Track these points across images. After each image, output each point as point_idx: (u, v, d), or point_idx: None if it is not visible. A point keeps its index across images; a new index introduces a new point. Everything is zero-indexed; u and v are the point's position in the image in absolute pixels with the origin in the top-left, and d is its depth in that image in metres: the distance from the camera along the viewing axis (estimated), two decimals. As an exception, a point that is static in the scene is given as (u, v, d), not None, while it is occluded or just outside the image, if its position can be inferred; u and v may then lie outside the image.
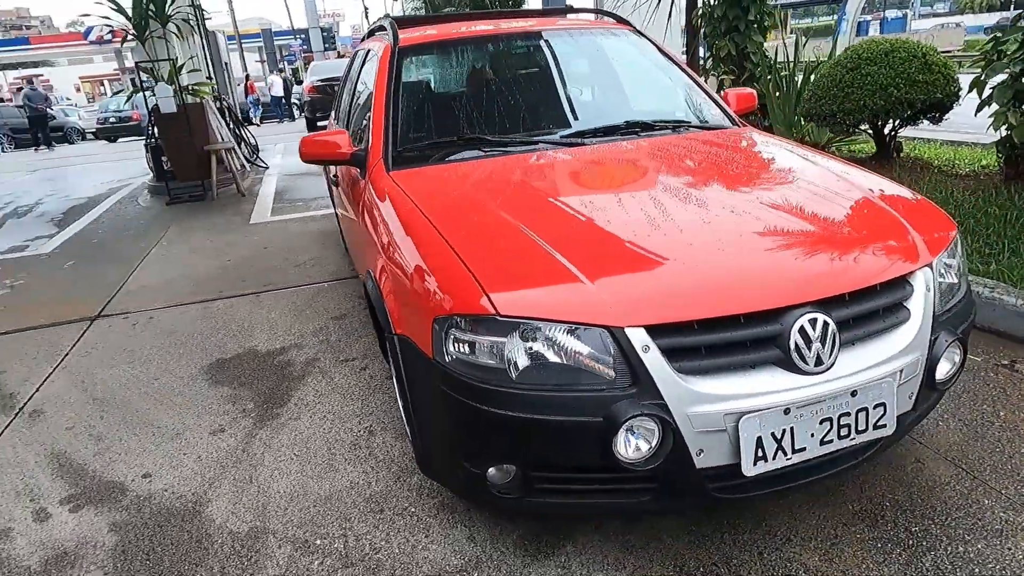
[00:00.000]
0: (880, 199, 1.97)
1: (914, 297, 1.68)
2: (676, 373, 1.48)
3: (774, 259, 1.65)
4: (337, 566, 1.78)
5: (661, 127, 2.62)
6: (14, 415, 2.76)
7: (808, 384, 1.53)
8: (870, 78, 4.40)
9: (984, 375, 2.50)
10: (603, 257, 1.67)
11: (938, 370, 1.71)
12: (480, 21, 3.31)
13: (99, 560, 1.88)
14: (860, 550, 1.72)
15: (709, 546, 1.76)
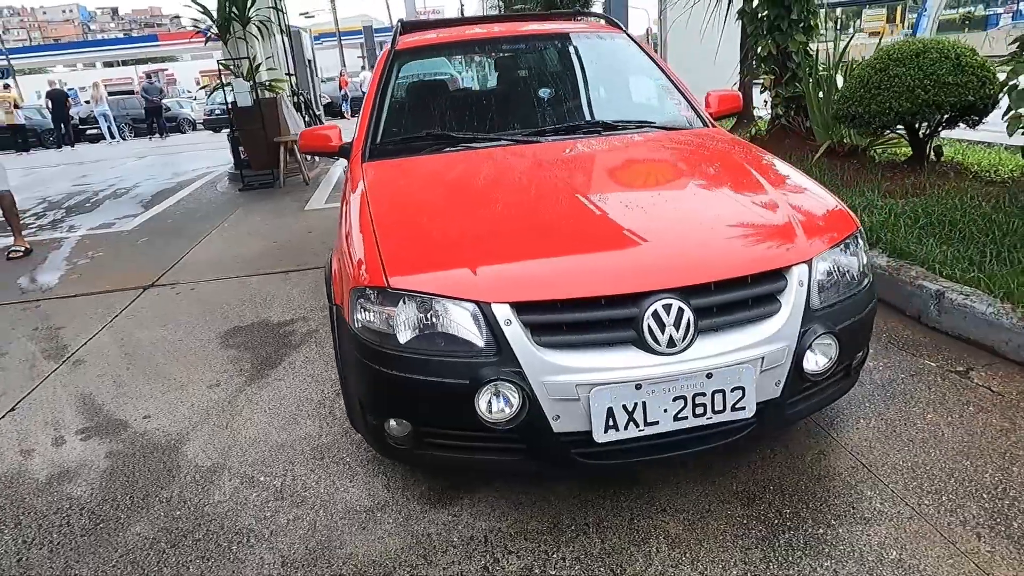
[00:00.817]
0: (784, 199, 2.06)
1: (787, 291, 1.79)
2: (535, 345, 1.67)
3: (642, 250, 1.80)
4: (269, 498, 2.09)
5: (623, 127, 2.77)
6: (61, 363, 3.26)
7: (659, 363, 1.67)
8: (897, 79, 4.29)
9: (931, 379, 2.50)
10: (493, 243, 1.88)
11: (807, 361, 1.80)
12: (483, 25, 3.54)
13: (90, 478, 2.27)
14: (725, 524, 1.84)
15: (588, 509, 1.93)
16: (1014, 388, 2.40)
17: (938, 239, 3.33)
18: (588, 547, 1.79)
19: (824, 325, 1.81)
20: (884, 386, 2.48)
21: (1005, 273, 2.87)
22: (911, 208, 3.75)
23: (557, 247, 1.85)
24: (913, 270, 3.11)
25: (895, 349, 2.76)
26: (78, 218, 7.08)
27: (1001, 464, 2.00)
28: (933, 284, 2.94)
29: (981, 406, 2.31)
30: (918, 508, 1.85)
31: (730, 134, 2.79)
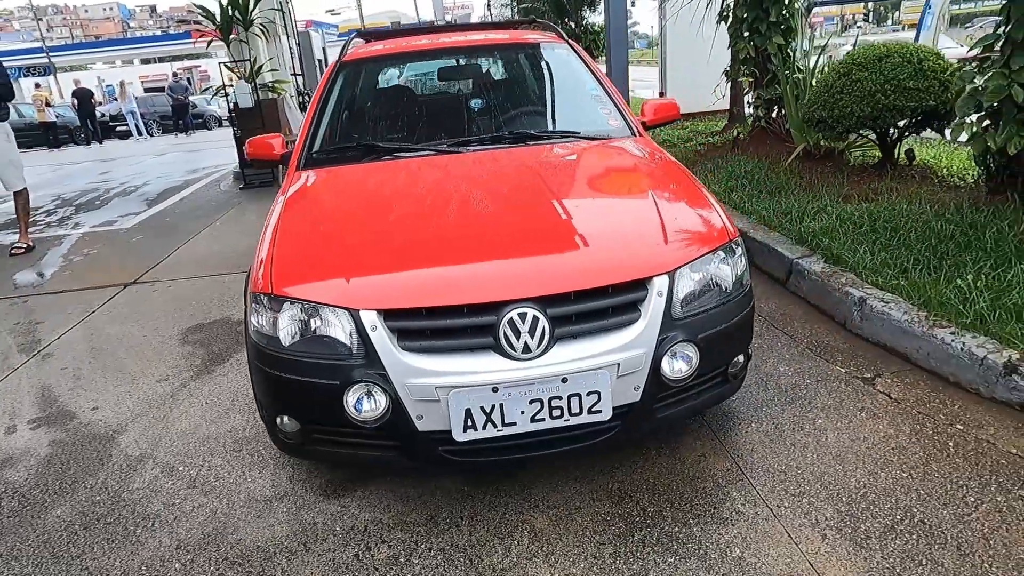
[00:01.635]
0: (662, 211, 2.14)
1: (646, 301, 1.88)
2: (399, 350, 1.80)
3: (509, 260, 1.92)
4: (182, 487, 2.25)
5: (548, 137, 2.87)
6: (31, 356, 3.48)
7: (515, 368, 1.78)
8: (859, 84, 4.30)
9: (835, 385, 2.56)
10: (376, 253, 2.01)
11: (667, 368, 1.89)
12: (435, 35, 3.66)
13: (29, 465, 2.46)
14: (589, 521, 1.95)
15: (467, 503, 2.05)
16: (913, 396, 2.45)
17: (877, 246, 3.35)
18: (456, 539, 1.91)
19: (685, 333, 1.89)
20: (786, 391, 2.55)
21: (929, 281, 2.90)
22: (860, 214, 3.77)
23: (432, 258, 1.97)
24: (844, 277, 3.15)
25: (811, 355, 2.81)
26: (85, 215, 7.39)
27: (871, 469, 2.07)
28: (858, 291, 2.99)
29: (873, 412, 2.37)
30: (776, 510, 1.93)
31: (651, 144, 2.87)
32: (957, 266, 3.02)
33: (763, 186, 4.75)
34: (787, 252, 3.58)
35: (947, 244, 3.23)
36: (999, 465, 2.04)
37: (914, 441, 2.19)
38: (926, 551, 1.74)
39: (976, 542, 1.76)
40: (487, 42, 3.40)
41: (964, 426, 2.26)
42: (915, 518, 1.86)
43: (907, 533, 1.81)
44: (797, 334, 3.01)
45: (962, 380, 2.51)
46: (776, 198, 4.42)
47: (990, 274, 2.88)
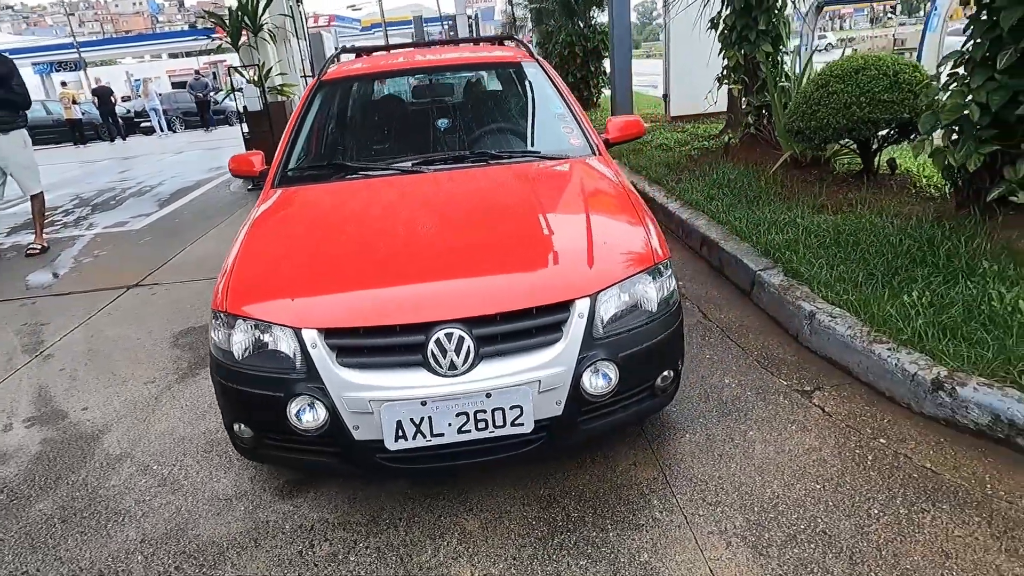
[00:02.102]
0: (593, 233, 2.28)
1: (568, 322, 2.02)
2: (336, 365, 1.96)
3: (438, 283, 2.07)
4: (153, 484, 2.44)
5: (508, 156, 3.01)
6: (33, 357, 3.72)
7: (442, 384, 1.94)
8: (835, 96, 4.37)
9: (774, 398, 2.68)
10: (322, 274, 2.18)
11: (587, 385, 2.03)
12: (414, 52, 3.81)
13: (20, 461, 2.68)
14: (516, 524, 2.10)
15: (408, 505, 2.22)
16: (845, 409, 2.57)
17: (836, 259, 3.44)
18: (392, 538, 2.08)
19: (605, 352, 2.03)
20: (726, 402, 2.67)
21: (877, 297, 3.00)
22: (828, 226, 3.86)
23: (372, 279, 2.13)
24: (799, 290, 3.25)
25: (758, 367, 2.93)
26: (99, 216, 7.68)
27: (788, 481, 2.19)
28: (809, 304, 3.09)
29: (804, 425, 2.48)
30: (691, 518, 2.07)
31: (609, 163, 2.98)
32: (907, 281, 3.10)
33: (744, 195, 4.83)
34: (751, 264, 3.68)
35: (903, 259, 3.31)
36: (910, 479, 2.16)
37: (835, 454, 2.31)
38: (820, 560, 1.87)
39: (869, 552, 1.88)
40: (459, 61, 3.54)
41: (887, 440, 2.37)
42: (817, 528, 1.98)
43: (807, 542, 1.93)
44: (750, 346, 3.12)
45: (896, 395, 2.62)
46: (753, 208, 4.51)
47: (936, 291, 2.96)
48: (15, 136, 5.77)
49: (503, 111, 3.44)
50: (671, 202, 5.15)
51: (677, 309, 2.26)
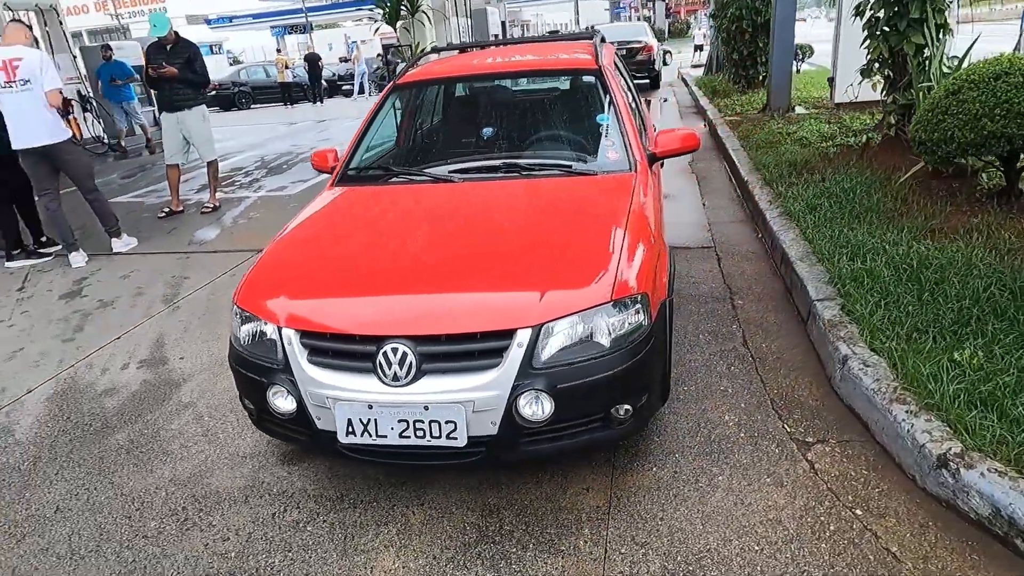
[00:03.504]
0: (569, 261, 2.34)
1: (508, 349, 2.13)
2: (306, 362, 2.25)
3: (399, 298, 2.27)
4: (199, 432, 2.94)
5: (540, 169, 3.08)
6: (167, 307, 4.50)
7: (386, 392, 2.16)
8: (965, 105, 3.80)
9: (766, 445, 2.56)
10: (312, 277, 2.47)
11: (522, 411, 2.13)
12: (488, 54, 3.94)
13: (121, 396, 3.34)
14: (452, 526, 2.28)
15: (372, 490, 2.48)
16: (839, 470, 2.39)
17: (904, 299, 3.10)
18: (347, 517, 2.36)
19: (541, 383, 2.11)
20: (713, 441, 2.60)
21: (926, 348, 2.70)
22: (917, 256, 3.44)
23: (352, 288, 2.38)
24: (844, 329, 3.00)
25: (768, 408, 2.78)
26: (269, 180, 8.78)
27: (727, 536, 2.14)
28: (847, 347, 2.85)
29: (780, 480, 2.37)
30: (611, 554, 2.11)
31: (643, 181, 2.93)
32: (971, 335, 2.74)
33: (852, 208, 4.40)
34: (813, 291, 3.42)
35: (981, 307, 2.91)
36: (861, 562, 2.00)
37: (795, 517, 2.19)
38: (712, 624, 1.84)
39: (768, 628, 1.82)
40: (523, 67, 3.62)
41: (864, 512, 2.19)
42: (728, 591, 1.94)
43: (709, 603, 1.91)
44: (774, 383, 2.96)
45: (904, 464, 2.39)
46: (853, 225, 4.11)
47: (998, 351, 2.60)
48: (196, 111, 6.80)
49: (553, 121, 3.48)
50: (771, 210, 4.83)
51: (640, 345, 2.25)
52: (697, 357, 3.21)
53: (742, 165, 6.32)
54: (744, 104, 10.05)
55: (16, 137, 5.23)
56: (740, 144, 7.23)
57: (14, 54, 5.16)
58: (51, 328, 4.28)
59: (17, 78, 5.14)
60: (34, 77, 5.16)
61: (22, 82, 5.15)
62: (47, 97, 5.20)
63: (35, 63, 5.19)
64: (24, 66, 5.15)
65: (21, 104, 5.16)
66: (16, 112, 5.18)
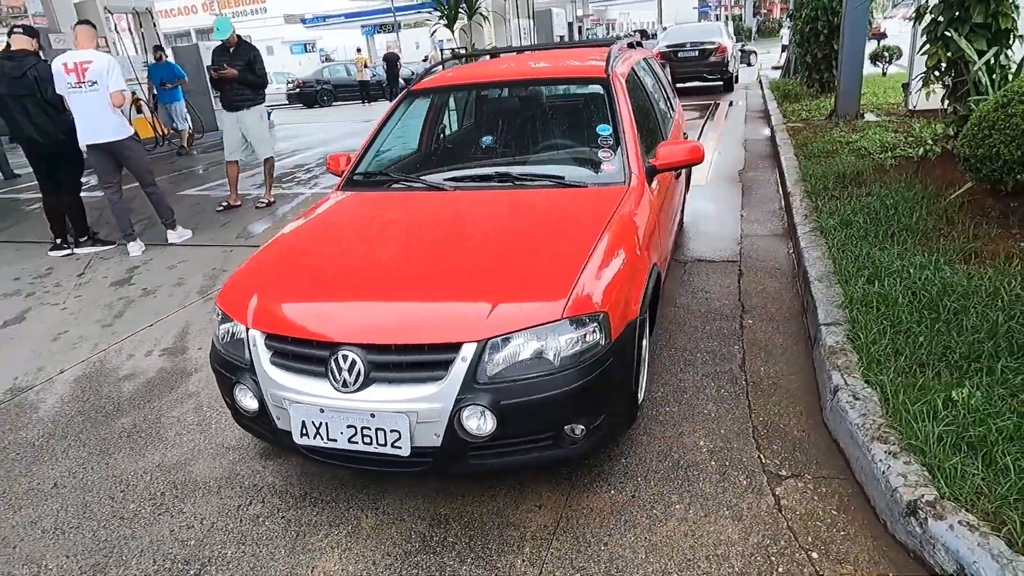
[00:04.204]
0: (528, 275, 2.33)
1: (454, 363, 2.13)
2: (269, 364, 2.34)
3: (355, 305, 2.32)
4: (194, 422, 3.10)
5: (532, 180, 3.06)
6: (201, 298, 4.75)
7: (336, 397, 2.21)
8: (1014, 120, 3.51)
9: (733, 473, 2.45)
10: (284, 282, 2.55)
11: (467, 425, 2.13)
12: (505, 61, 3.94)
13: (138, 382, 3.56)
14: (400, 533, 2.30)
15: (335, 491, 2.54)
16: (806, 508, 2.27)
17: (915, 328, 2.89)
18: (304, 515, 2.43)
19: (486, 398, 2.10)
20: (680, 467, 2.51)
21: (922, 383, 2.52)
22: (941, 282, 3.20)
23: (317, 295, 2.45)
24: (844, 358, 2.83)
25: (747, 437, 2.66)
26: (327, 177, 9.07)
27: (667, 569, 2.07)
28: (840, 377, 2.70)
29: (739, 514, 2.26)
30: (540, 575, 2.08)
31: (633, 196, 2.86)
32: (978, 371, 2.53)
33: (890, 225, 4.13)
34: (822, 314, 3.24)
35: (999, 341, 2.68)
36: (802, 607, 1.90)
37: (744, 555, 2.09)
38: (627, 658, 1.79)
39: (684, 669, 1.75)
40: (535, 75, 3.59)
41: (820, 556, 2.07)
42: (652, 626, 1.88)
43: (630, 636, 1.85)
44: (762, 410, 2.83)
45: (878, 507, 2.24)
46: (885, 244, 3.87)
47: (1001, 391, 2.39)
48: (255, 111, 7.13)
49: (554, 130, 3.44)
50: (804, 224, 4.60)
51: (594, 365, 2.20)
52: (688, 377, 3.11)
53: (790, 175, 6.04)
54: (812, 110, 9.59)
55: (84, 134, 5.64)
56: (795, 153, 6.91)
57: (84, 57, 5.57)
58: (96, 313, 4.61)
59: (86, 80, 5.54)
60: (101, 79, 5.56)
61: (90, 83, 5.55)
62: (112, 97, 5.59)
63: (103, 66, 5.58)
64: (93, 69, 5.55)
65: (89, 104, 5.56)
66: (84, 111, 5.59)
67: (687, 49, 15.16)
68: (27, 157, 5.96)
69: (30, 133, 5.66)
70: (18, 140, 5.92)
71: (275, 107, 23.51)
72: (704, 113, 11.77)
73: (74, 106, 5.58)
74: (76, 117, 5.61)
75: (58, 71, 5.51)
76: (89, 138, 5.64)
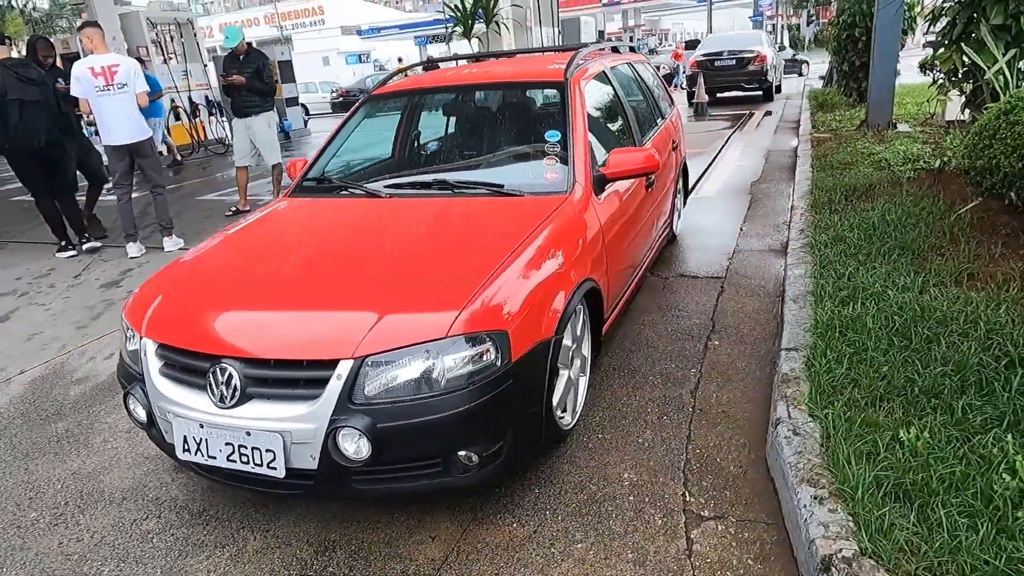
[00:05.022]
0: (424, 289, 2.20)
1: (330, 381, 1.99)
2: (158, 375, 2.25)
3: (241, 318, 2.21)
4: (124, 430, 3.05)
5: (470, 188, 2.92)
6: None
7: (214, 413, 2.10)
8: (1016, 129, 3.17)
9: (649, 513, 2.24)
10: (185, 291, 2.46)
11: (345, 448, 1.98)
12: (467, 67, 3.80)
13: (88, 386, 3.54)
14: (282, 558, 2.17)
15: (233, 508, 2.43)
16: (719, 556, 2.04)
17: (878, 357, 2.62)
18: (195, 534, 2.32)
19: (361, 420, 1.96)
20: (594, 502, 2.31)
21: (867, 419, 2.25)
22: (918, 307, 2.90)
23: (211, 305, 2.34)
24: (793, 387, 2.58)
25: (675, 471, 2.44)
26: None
27: (547, 615, 1.87)
28: (784, 408, 2.45)
29: (642, 558, 2.05)
30: (415, 615, 1.92)
31: (568, 208, 2.69)
32: (937, 410, 2.26)
33: (883, 241, 3.81)
34: (786, 338, 2.98)
35: (965, 375, 2.39)
36: (682, 672, 1.68)
37: (635, 605, 1.88)
38: None
39: None
40: (491, 79, 3.45)
41: (720, 612, 1.84)
42: None
43: None
44: (701, 442, 2.59)
45: (799, 558, 1.99)
46: (874, 262, 3.56)
47: (958, 433, 2.11)
48: (262, 118, 7.19)
49: (503, 136, 3.28)
50: (797, 240, 4.30)
51: (487, 387, 2.03)
52: (633, 402, 2.89)
53: (799, 188, 5.72)
54: (844, 120, 9.14)
55: (110, 134, 5.73)
56: (811, 165, 6.56)
57: (111, 61, 5.69)
58: (76, 315, 4.65)
59: (115, 82, 5.66)
60: (130, 81, 5.69)
61: (119, 86, 5.66)
62: (138, 99, 5.72)
63: (130, 69, 5.73)
64: (121, 72, 5.67)
65: (117, 105, 5.68)
66: (112, 113, 5.69)
67: (724, 58, 14.75)
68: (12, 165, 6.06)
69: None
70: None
71: (319, 116, 24.07)
72: (735, 123, 11.39)
73: (102, 108, 5.66)
74: (102, 118, 5.70)
75: (83, 74, 5.60)
76: (116, 139, 5.73)
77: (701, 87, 13.38)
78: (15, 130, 5.61)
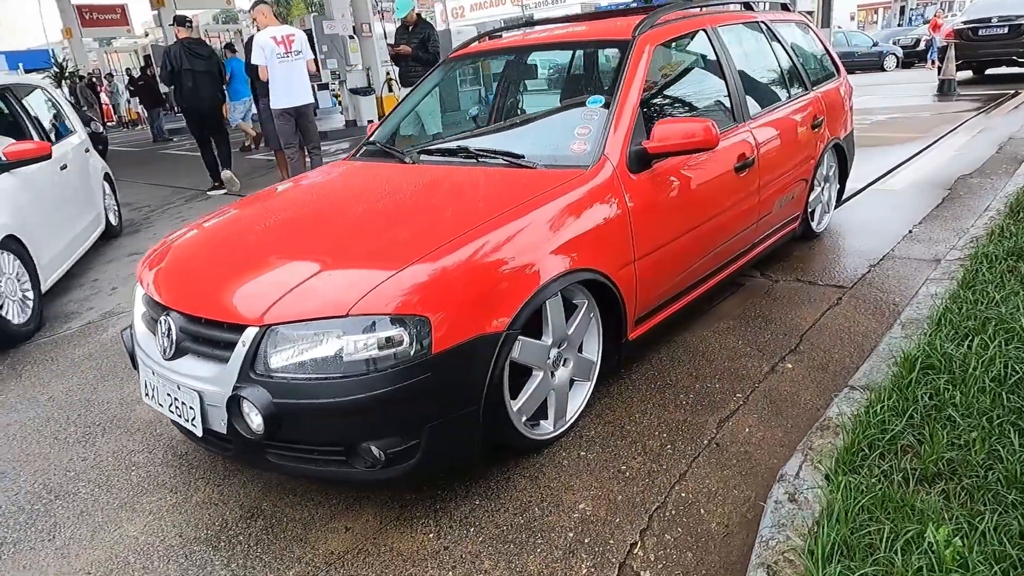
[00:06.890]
0: (353, 261, 2.10)
1: (236, 346, 1.92)
2: (139, 319, 2.38)
3: (199, 275, 2.24)
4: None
5: (492, 157, 2.64)
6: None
7: (159, 363, 2.15)
8: None
9: (553, 573, 1.85)
10: (187, 246, 2.52)
11: (246, 418, 1.90)
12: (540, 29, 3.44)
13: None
14: (209, 518, 2.17)
15: (168, 472, 2.50)
16: (629, 630, 1.62)
17: (967, 419, 1.88)
18: (164, 474, 2.43)
19: (256, 392, 1.86)
20: (533, 531, 1.97)
21: (905, 504, 1.63)
22: None
23: (189, 259, 2.40)
24: (824, 437, 1.96)
25: (642, 515, 1.99)
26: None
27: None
28: (794, 463, 1.88)
29: None
30: (278, 607, 1.79)
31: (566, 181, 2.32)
32: (1007, 509, 1.55)
33: None
34: (860, 373, 2.29)
35: None
36: None
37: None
38: None
39: None
40: (560, 38, 3.07)
41: None
42: None
43: None
44: (696, 483, 2.09)
45: (725, 664, 1.50)
46: None
47: (1003, 548, 1.43)
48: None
49: (553, 102, 2.89)
50: (961, 250, 3.33)
51: (400, 375, 1.82)
52: (644, 421, 2.44)
53: (1012, 185, 4.45)
54: None
55: (285, 97, 6.28)
56: (1049, 156, 5.08)
57: (288, 31, 6.28)
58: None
59: (293, 50, 6.24)
60: (304, 49, 6.27)
61: (296, 52, 6.24)
62: (308, 65, 6.28)
63: (303, 38, 6.34)
64: (297, 40, 6.26)
65: (294, 71, 6.25)
66: (288, 77, 6.26)
67: (992, 25, 12.04)
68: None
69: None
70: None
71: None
72: (985, 105, 9.30)
73: (280, 73, 6.22)
74: (280, 83, 6.25)
75: (267, 43, 6.22)
76: (293, 100, 6.27)
77: (950, 61, 11.14)
78: (189, 93, 6.50)
